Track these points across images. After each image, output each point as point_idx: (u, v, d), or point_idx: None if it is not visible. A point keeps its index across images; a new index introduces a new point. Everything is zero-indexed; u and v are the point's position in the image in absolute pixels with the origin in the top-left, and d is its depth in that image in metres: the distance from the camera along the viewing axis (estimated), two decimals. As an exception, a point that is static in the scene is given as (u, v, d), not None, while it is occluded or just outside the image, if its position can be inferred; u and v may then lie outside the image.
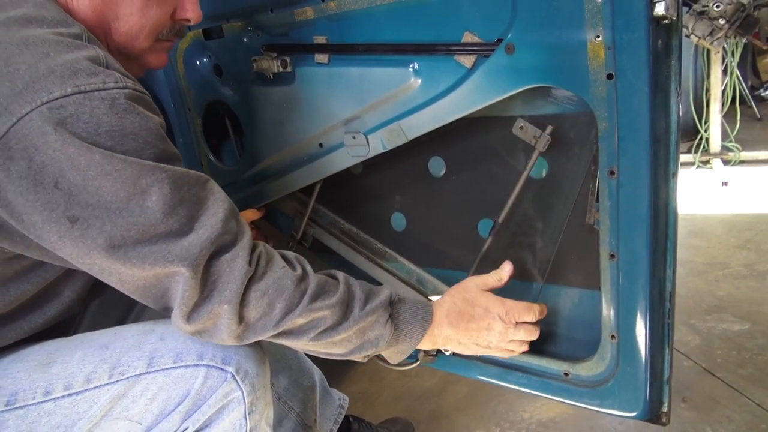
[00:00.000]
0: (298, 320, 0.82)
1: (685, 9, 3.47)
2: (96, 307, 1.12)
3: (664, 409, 0.94)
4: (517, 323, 0.96)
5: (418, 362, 1.06)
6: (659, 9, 0.75)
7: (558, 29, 0.82)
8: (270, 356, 1.05)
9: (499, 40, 0.88)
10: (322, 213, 1.39)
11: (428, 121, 1.02)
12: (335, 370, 1.43)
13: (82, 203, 0.70)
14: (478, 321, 0.94)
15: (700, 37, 3.12)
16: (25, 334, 0.87)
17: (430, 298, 1.13)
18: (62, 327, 0.98)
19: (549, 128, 0.94)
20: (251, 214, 1.41)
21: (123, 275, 0.75)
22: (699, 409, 1.57)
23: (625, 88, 0.79)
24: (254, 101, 1.33)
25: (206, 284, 0.77)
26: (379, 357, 0.98)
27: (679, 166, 0.85)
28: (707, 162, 3.95)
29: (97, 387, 0.81)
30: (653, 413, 0.94)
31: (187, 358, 0.83)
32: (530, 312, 0.97)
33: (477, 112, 0.97)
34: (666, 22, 0.77)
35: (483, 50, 0.91)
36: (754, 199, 3.27)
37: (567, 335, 1.04)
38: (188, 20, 0.92)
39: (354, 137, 1.14)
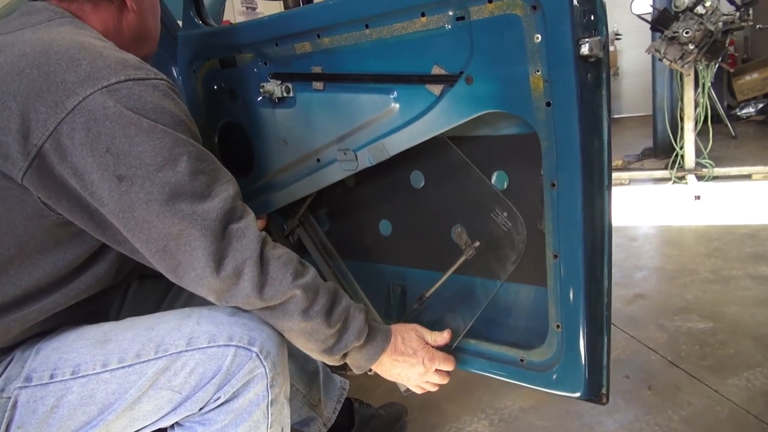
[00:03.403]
0: (303, 290, 0.96)
1: (657, 35, 3.64)
2: (132, 296, 1.29)
3: (603, 390, 1.07)
4: (436, 369, 1.14)
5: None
6: (584, 49, 0.90)
7: (507, 64, 0.98)
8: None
9: (461, 73, 1.04)
10: (311, 221, 1.56)
11: (406, 140, 1.17)
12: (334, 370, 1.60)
13: (128, 164, 0.86)
14: (405, 357, 1.12)
15: (671, 61, 3.27)
16: (83, 293, 1.01)
17: None
18: (107, 301, 1.15)
19: (477, 243, 1.19)
20: (260, 224, 1.58)
21: (152, 232, 0.89)
22: (663, 395, 1.72)
23: (561, 114, 0.94)
24: (262, 122, 1.49)
25: (225, 243, 0.91)
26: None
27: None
28: (683, 178, 4.16)
29: (145, 361, 0.94)
30: (593, 393, 1.07)
31: (219, 339, 0.95)
32: (448, 362, 1.16)
33: (447, 132, 1.13)
34: (592, 60, 0.92)
35: (448, 81, 1.06)
36: (724, 212, 3.45)
37: (525, 327, 1.19)
38: None
39: (345, 153, 1.30)
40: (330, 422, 1.50)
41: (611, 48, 7.74)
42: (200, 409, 0.97)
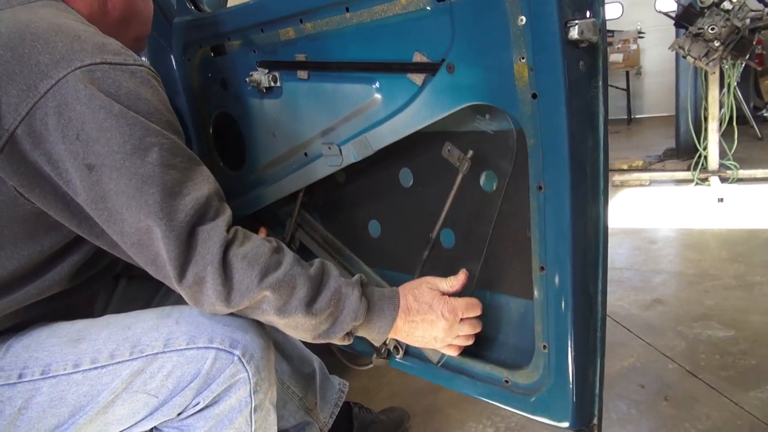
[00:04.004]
0: (272, 289, 0.88)
1: (681, 31, 3.46)
2: (120, 293, 1.26)
3: (595, 421, 0.96)
4: (461, 319, 1.01)
5: (372, 364, 1.13)
6: (573, 33, 0.79)
7: (489, 50, 0.88)
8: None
9: (443, 60, 0.94)
10: (308, 219, 1.48)
11: (389, 134, 1.08)
12: (336, 371, 1.54)
13: (96, 153, 0.82)
14: (422, 315, 0.99)
15: (695, 58, 3.11)
16: (58, 286, 0.97)
17: None
18: (89, 295, 1.13)
19: (470, 153, 1.02)
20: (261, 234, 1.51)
21: (124, 225, 0.85)
22: (679, 407, 1.63)
23: (547, 107, 0.84)
24: (251, 113, 1.43)
25: (189, 248, 0.85)
26: (342, 350, 1.04)
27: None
28: (705, 179, 4.04)
29: (119, 362, 0.90)
30: (583, 424, 0.96)
31: (199, 341, 0.91)
32: (473, 308, 1.03)
33: (435, 126, 1.03)
34: (584, 45, 0.82)
35: (429, 69, 0.97)
36: (748, 215, 3.32)
37: (512, 343, 1.08)
38: None
39: (329, 148, 1.22)
40: (327, 427, 1.43)
41: (634, 46, 7.51)
42: (178, 414, 0.93)
